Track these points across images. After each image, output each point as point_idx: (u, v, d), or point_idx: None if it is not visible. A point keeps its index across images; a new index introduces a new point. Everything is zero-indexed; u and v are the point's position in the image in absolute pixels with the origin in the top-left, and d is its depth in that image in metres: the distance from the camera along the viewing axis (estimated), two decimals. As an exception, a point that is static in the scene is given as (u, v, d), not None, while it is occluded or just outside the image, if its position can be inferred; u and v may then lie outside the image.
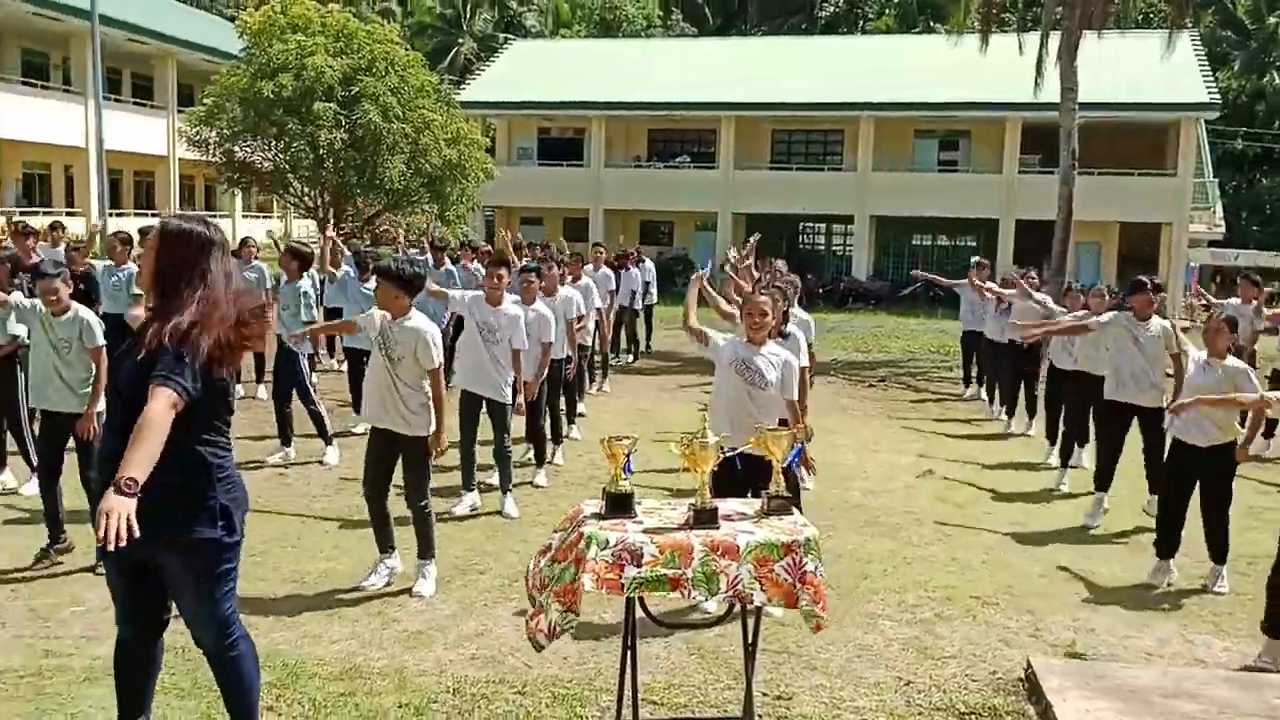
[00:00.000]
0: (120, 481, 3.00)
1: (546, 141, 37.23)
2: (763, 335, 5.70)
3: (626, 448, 3.96)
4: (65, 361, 6.18)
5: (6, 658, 4.83)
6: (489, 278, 7.74)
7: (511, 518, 7.61)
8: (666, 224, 36.17)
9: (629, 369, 15.87)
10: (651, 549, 3.69)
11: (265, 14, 25.06)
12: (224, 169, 26.00)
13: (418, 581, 6.03)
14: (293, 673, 4.80)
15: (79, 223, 30.77)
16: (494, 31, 51.95)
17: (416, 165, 24.45)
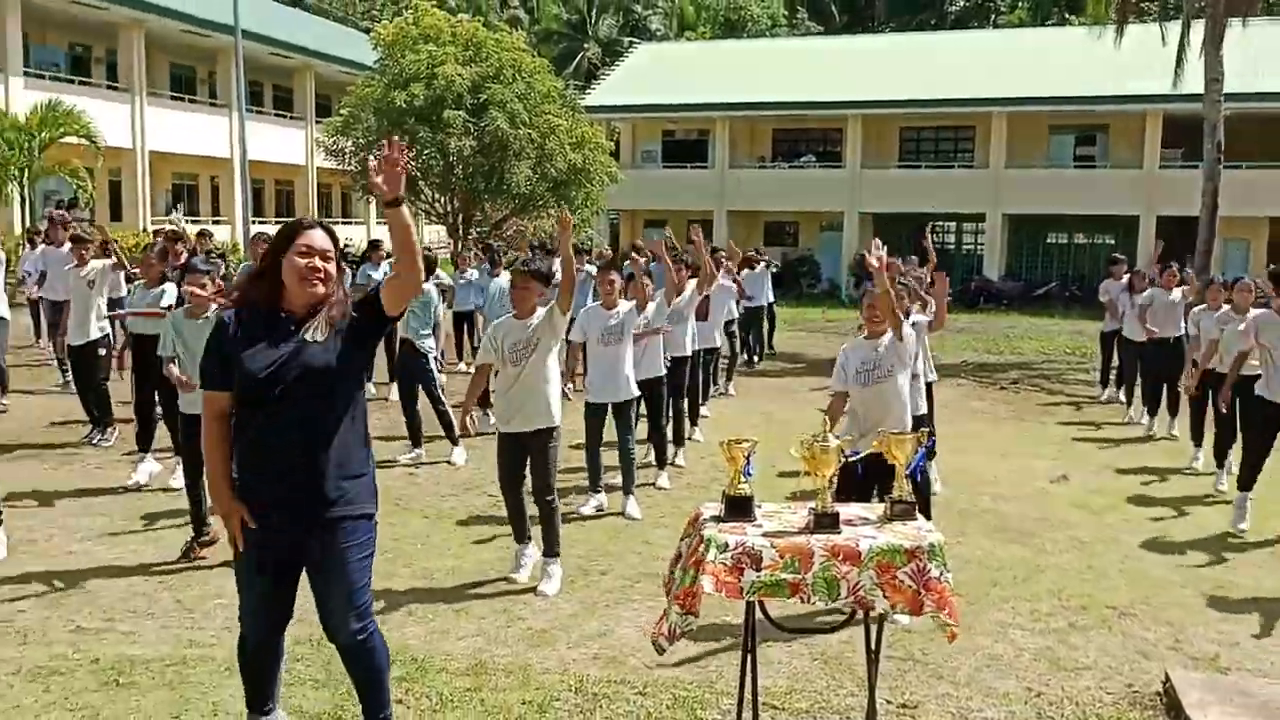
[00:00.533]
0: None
1: (670, 144, 37.34)
2: (881, 329, 5.67)
3: (746, 450, 3.94)
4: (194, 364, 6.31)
5: (154, 647, 5.07)
6: (602, 283, 7.80)
7: (634, 519, 7.66)
8: (791, 224, 35.90)
9: (752, 371, 15.79)
10: (771, 553, 3.66)
11: (398, 26, 25.78)
12: (359, 177, 26.80)
13: (543, 580, 6.12)
14: (421, 667, 4.91)
15: (224, 230, 32.16)
16: (619, 36, 52.33)
17: (542, 170, 24.81)
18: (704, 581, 3.62)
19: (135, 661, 4.85)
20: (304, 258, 3.47)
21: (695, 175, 34.94)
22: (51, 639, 5.14)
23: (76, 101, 24.81)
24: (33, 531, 6.95)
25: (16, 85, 26.56)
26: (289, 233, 3.54)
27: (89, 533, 6.98)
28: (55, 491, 7.96)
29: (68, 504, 7.67)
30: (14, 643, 5.07)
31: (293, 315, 3.52)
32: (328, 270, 3.49)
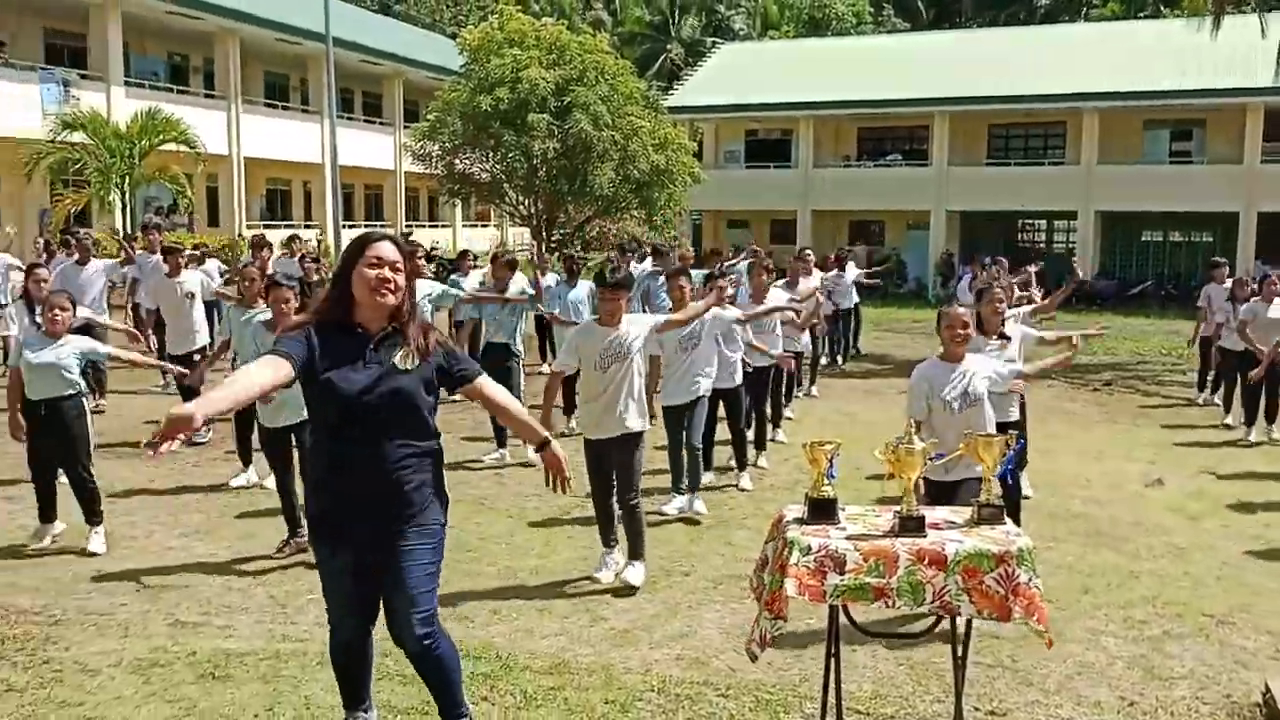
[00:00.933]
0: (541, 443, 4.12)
1: (753, 143, 37.19)
2: (962, 350, 5.42)
3: (829, 452, 3.91)
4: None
5: (249, 642, 5.20)
6: (672, 289, 7.75)
7: (701, 514, 7.68)
8: (877, 223, 35.49)
9: (837, 372, 15.65)
10: (855, 556, 3.63)
11: (484, 31, 26.09)
12: (445, 181, 27.21)
13: (627, 569, 6.18)
14: (505, 665, 4.97)
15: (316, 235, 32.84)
16: (701, 36, 52.27)
17: (625, 171, 24.88)
18: (787, 585, 3.60)
19: (231, 655, 4.99)
20: (374, 269, 3.49)
21: (778, 175, 34.74)
22: (151, 632, 5.30)
23: (175, 110, 25.55)
24: (134, 528, 7.19)
25: (118, 94, 27.46)
26: (359, 245, 3.56)
27: (187, 529, 7.20)
28: (155, 489, 8.22)
29: (167, 501, 7.91)
30: (116, 635, 5.25)
31: (366, 331, 3.55)
32: (397, 281, 3.51)
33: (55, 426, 6.60)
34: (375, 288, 3.48)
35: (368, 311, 3.54)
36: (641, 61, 45.13)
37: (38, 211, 26.38)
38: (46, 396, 6.58)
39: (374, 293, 3.49)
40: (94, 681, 4.69)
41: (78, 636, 5.21)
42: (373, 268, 3.49)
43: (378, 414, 3.51)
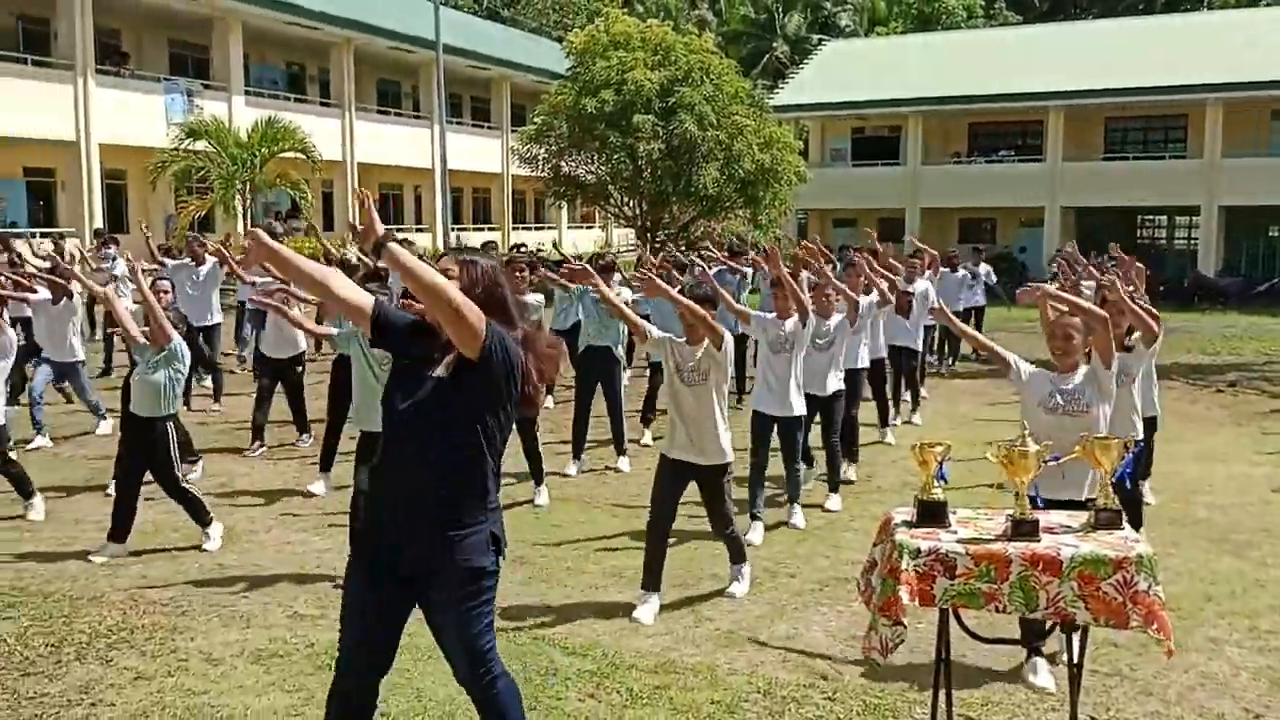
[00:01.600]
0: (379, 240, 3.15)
1: (860, 141, 36.77)
2: (1071, 361, 5.08)
3: (939, 454, 3.85)
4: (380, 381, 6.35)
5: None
6: (775, 296, 7.59)
7: (797, 527, 7.45)
8: (988, 221, 34.77)
9: (947, 374, 15.38)
10: (966, 561, 3.57)
11: (589, 34, 26.33)
12: (551, 183, 27.53)
13: (732, 583, 6.10)
14: (612, 663, 5.01)
15: (426, 238, 33.54)
16: (807, 33, 51.83)
17: (730, 171, 24.84)
18: (901, 591, 3.55)
19: (346, 647, 5.12)
20: None
21: (886, 173, 34.30)
22: (271, 623, 5.48)
23: (292, 117, 26.34)
24: (254, 523, 7.44)
25: (239, 103, 28.42)
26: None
27: (304, 525, 7.42)
28: (276, 487, 8.48)
29: (286, 498, 8.16)
30: (238, 626, 5.44)
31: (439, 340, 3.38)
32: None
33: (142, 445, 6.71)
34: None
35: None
36: (746, 60, 44.95)
37: (164, 217, 27.47)
38: (134, 413, 6.71)
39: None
40: (217, 670, 4.87)
41: (202, 627, 5.41)
42: None
43: (409, 426, 3.35)
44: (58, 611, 5.58)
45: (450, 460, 3.32)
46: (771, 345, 7.31)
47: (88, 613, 5.57)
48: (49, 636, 5.24)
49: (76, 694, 4.62)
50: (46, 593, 5.89)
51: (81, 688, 4.68)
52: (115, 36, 28.52)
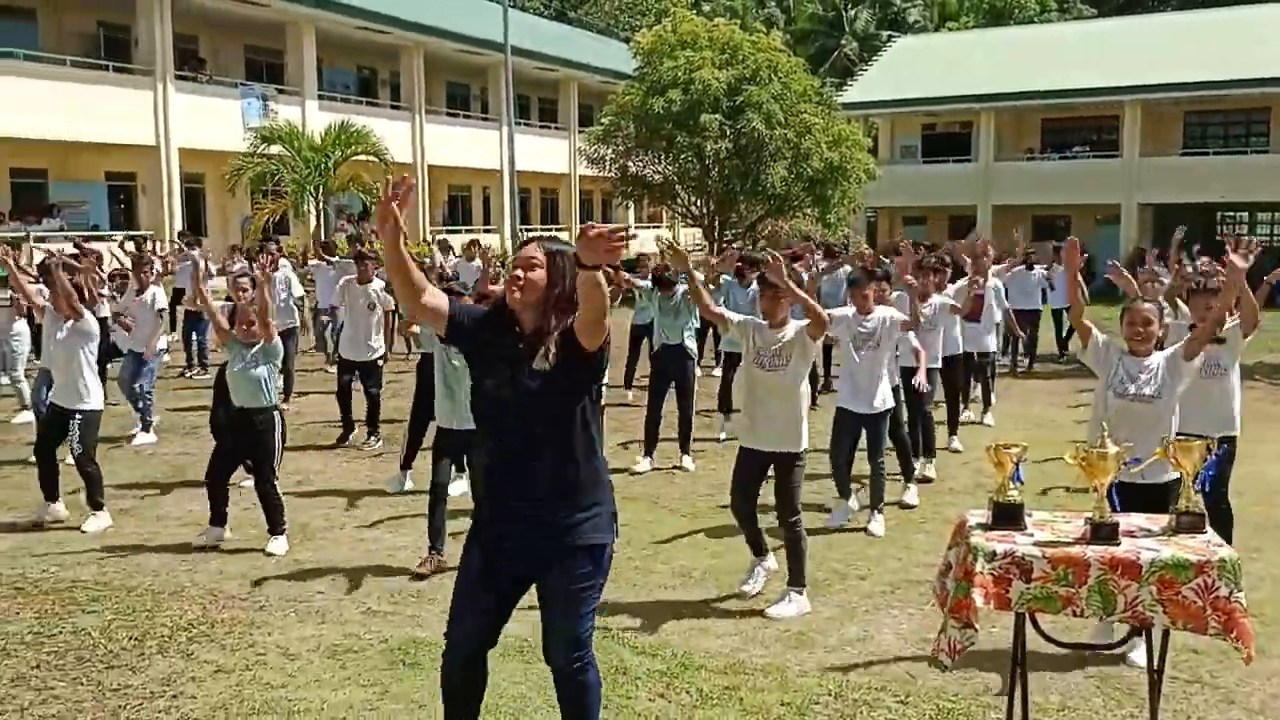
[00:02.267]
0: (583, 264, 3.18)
1: (931, 138, 36.32)
2: (1147, 347, 5.05)
3: (1015, 455, 3.79)
4: (459, 380, 6.49)
5: (435, 631, 5.33)
6: (855, 296, 7.53)
7: (875, 536, 7.32)
8: (1063, 219, 34.11)
9: (1022, 373, 15.11)
10: (1043, 564, 3.51)
11: (656, 34, 26.35)
12: (618, 183, 27.60)
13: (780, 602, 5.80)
14: (681, 663, 5.01)
15: (494, 238, 33.81)
16: (876, 30, 51.35)
17: (798, 170, 24.70)
18: (975, 595, 3.50)
19: (419, 643, 5.19)
20: (514, 267, 3.49)
21: (957, 170, 33.82)
22: (346, 619, 5.57)
23: (363, 121, 26.76)
24: (329, 520, 7.56)
25: (312, 107, 28.93)
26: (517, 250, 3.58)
27: (377, 523, 7.52)
28: (349, 485, 8.61)
29: (360, 496, 8.28)
30: (314, 621, 5.53)
31: (523, 330, 3.46)
32: (528, 279, 3.41)
33: (246, 435, 6.91)
34: (509, 285, 3.45)
35: (518, 311, 3.47)
36: (815, 58, 44.66)
37: (239, 220, 28.06)
38: (241, 405, 6.89)
39: (509, 290, 3.45)
40: (294, 665, 4.96)
41: (279, 622, 5.52)
42: (515, 267, 3.46)
43: (511, 419, 3.45)
44: (140, 606, 5.73)
45: (566, 446, 3.44)
46: (854, 341, 7.34)
47: (169, 607, 5.71)
48: (132, 630, 5.38)
49: (158, 686, 4.74)
50: (129, 587, 6.05)
51: (163, 680, 4.80)
52: (193, 43, 29.19)
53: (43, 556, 6.67)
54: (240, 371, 6.88)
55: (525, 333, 3.45)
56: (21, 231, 22.12)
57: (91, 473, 7.39)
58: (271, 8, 27.77)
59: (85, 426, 7.40)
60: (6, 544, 6.93)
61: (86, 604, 5.77)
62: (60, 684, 4.76)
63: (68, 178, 26.27)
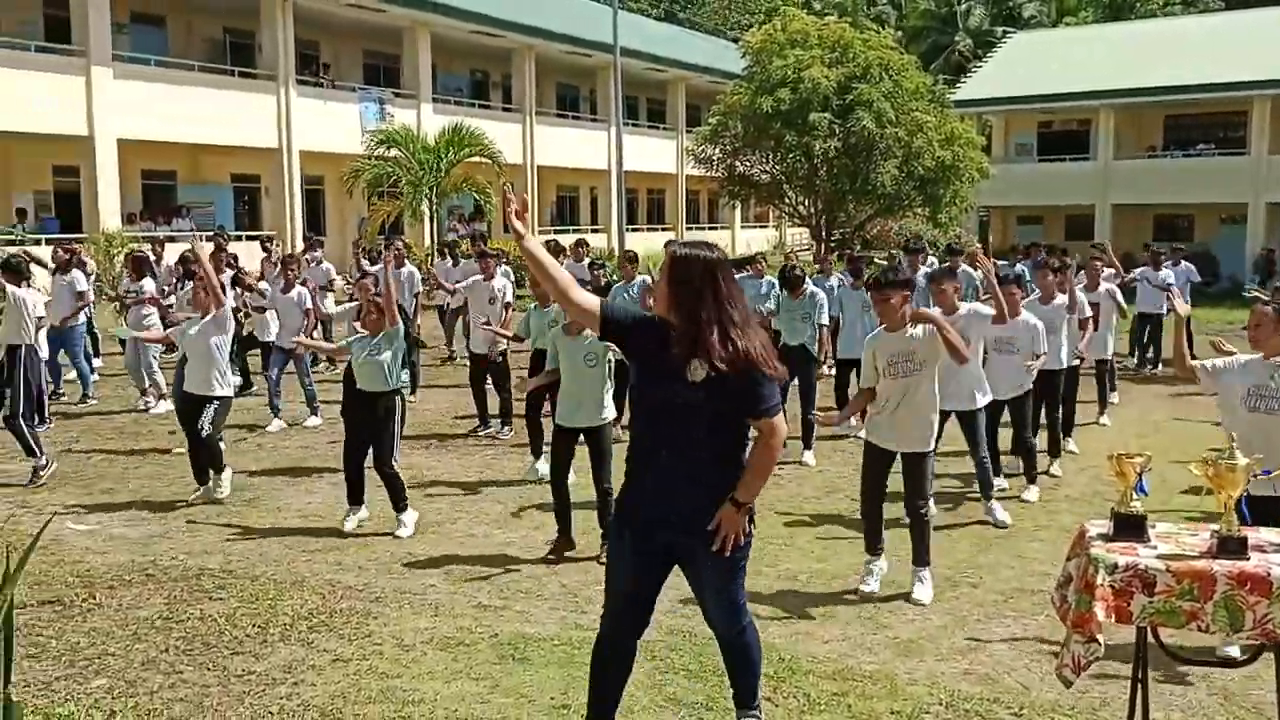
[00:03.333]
0: (740, 503, 3.58)
1: (1047, 136, 35.41)
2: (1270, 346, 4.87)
3: (1139, 465, 3.69)
4: (583, 379, 6.59)
5: (545, 627, 5.48)
6: (1006, 295, 7.44)
7: (1003, 524, 7.34)
8: (1185, 218, 32.95)
9: (1141, 377, 14.65)
10: (1167, 577, 3.41)
11: (766, 33, 26.22)
12: (726, 183, 27.54)
13: (915, 587, 5.99)
14: (789, 667, 4.99)
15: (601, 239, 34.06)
16: (990, 26, 50.27)
17: (909, 169, 24.34)
18: (1097, 608, 3.42)
19: (529, 639, 5.28)
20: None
21: (1074, 168, 32.90)
22: (458, 613, 5.69)
23: (476, 123, 27.23)
24: (441, 514, 7.72)
25: (427, 110, 29.55)
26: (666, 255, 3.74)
27: (487, 518, 7.66)
28: (459, 480, 8.79)
29: (470, 491, 8.45)
30: (427, 614, 5.66)
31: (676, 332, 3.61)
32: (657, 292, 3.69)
33: (369, 417, 7.15)
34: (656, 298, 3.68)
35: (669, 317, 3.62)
36: (927, 55, 43.91)
37: (356, 220, 28.80)
38: (364, 389, 7.17)
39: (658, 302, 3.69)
40: (408, 656, 5.09)
41: (394, 614, 5.66)
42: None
43: (669, 424, 3.61)
44: (263, 594, 5.94)
45: (719, 445, 3.62)
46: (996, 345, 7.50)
47: (290, 596, 5.90)
48: (255, 618, 5.57)
49: (280, 673, 4.90)
50: (253, 576, 6.28)
51: (285, 667, 4.97)
52: (314, 48, 30.06)
53: (172, 545, 6.96)
54: (366, 360, 7.13)
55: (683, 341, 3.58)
56: (154, 232, 23.07)
57: (213, 449, 7.99)
58: (389, 13, 28.42)
59: (218, 413, 7.98)
60: (138, 532, 7.25)
61: (213, 591, 6.00)
62: (188, 668, 4.96)
63: (195, 180, 27.32)
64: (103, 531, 7.28)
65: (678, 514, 3.65)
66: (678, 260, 3.59)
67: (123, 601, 5.83)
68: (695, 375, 3.52)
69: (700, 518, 3.62)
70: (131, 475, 8.91)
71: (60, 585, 6.08)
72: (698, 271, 3.53)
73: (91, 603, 5.82)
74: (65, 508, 7.83)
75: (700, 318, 3.51)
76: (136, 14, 25.94)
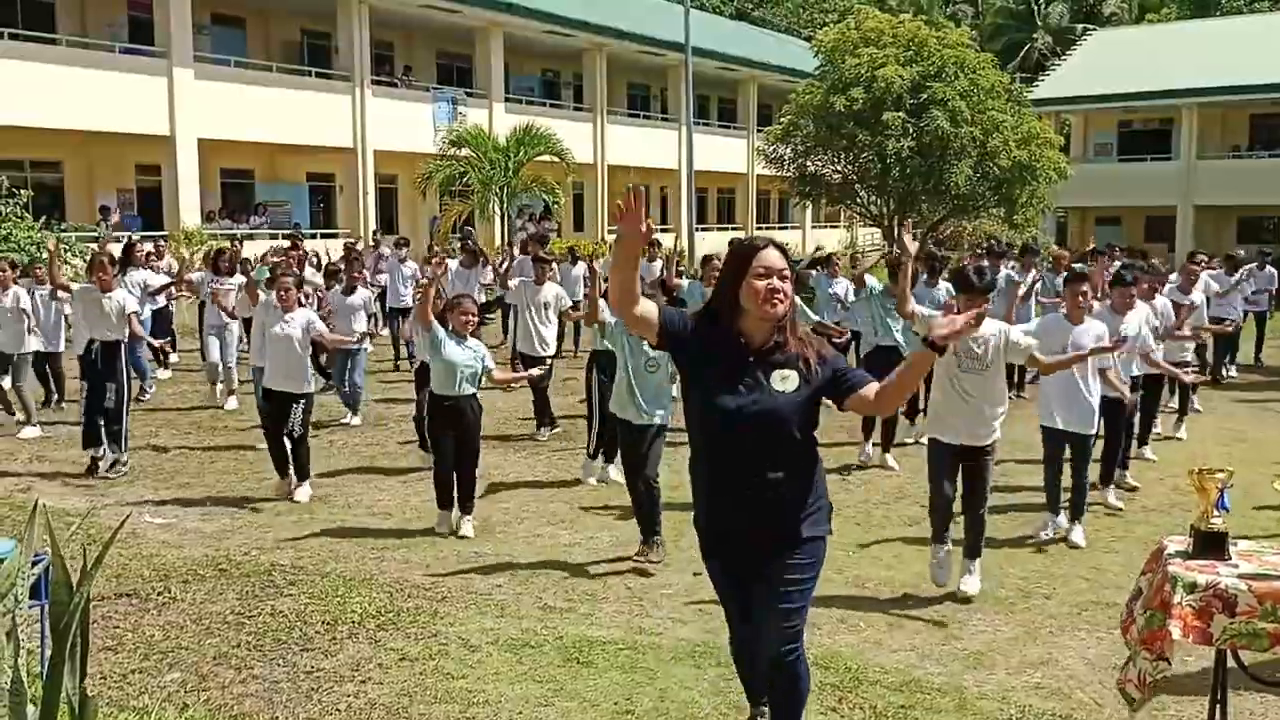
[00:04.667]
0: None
1: (1127, 135, 34.69)
2: None
3: (1220, 481, 3.58)
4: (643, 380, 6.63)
5: (609, 630, 5.48)
6: (1070, 295, 7.28)
7: (1078, 546, 7.11)
8: (1270, 219, 32.03)
9: (1222, 384, 14.24)
10: (1249, 598, 3.30)
11: (839, 31, 26.00)
12: (796, 183, 27.35)
13: (965, 579, 5.99)
14: (855, 677, 4.92)
15: (670, 238, 34.01)
16: (1070, 23, 49.32)
17: (984, 169, 23.96)
18: (1171, 627, 3.32)
19: (593, 642, 5.27)
20: (762, 279, 3.40)
21: (1155, 168, 32.18)
22: (523, 614, 5.71)
23: (547, 123, 27.37)
24: (508, 514, 7.76)
25: (499, 110, 29.78)
26: (745, 254, 3.49)
27: (553, 518, 7.68)
28: (525, 480, 8.83)
29: (537, 490, 8.48)
30: (493, 615, 5.69)
31: (749, 343, 3.49)
32: (785, 290, 3.43)
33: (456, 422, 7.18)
34: (766, 298, 3.39)
35: (754, 322, 3.46)
36: (1005, 53, 43.24)
37: (429, 219, 29.11)
38: (450, 394, 7.16)
39: (765, 303, 3.41)
40: (474, 657, 5.12)
41: (460, 614, 5.70)
42: (761, 278, 3.41)
43: (748, 437, 3.48)
44: (332, 591, 6.01)
45: (797, 455, 3.53)
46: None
47: (359, 594, 5.96)
48: (325, 615, 5.65)
49: (348, 671, 4.96)
50: (323, 573, 6.36)
51: (353, 665, 5.02)
52: (388, 49, 30.45)
53: (245, 540, 7.08)
54: (446, 362, 7.13)
55: (755, 343, 3.48)
56: (233, 230, 23.56)
57: (306, 450, 8.17)
58: (463, 13, 28.67)
59: (306, 410, 8.13)
60: (213, 526, 7.40)
61: (284, 587, 6.09)
62: (259, 664, 5.04)
63: (272, 178, 27.83)
64: (179, 525, 7.43)
65: (753, 536, 3.58)
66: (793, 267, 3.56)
67: (197, 596, 5.95)
68: (785, 385, 3.45)
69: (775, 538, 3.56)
70: (207, 470, 9.10)
71: (137, 579, 6.22)
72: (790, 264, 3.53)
73: (167, 596, 5.94)
74: (143, 501, 8.02)
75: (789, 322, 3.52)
76: (217, 15, 26.49)
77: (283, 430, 8.03)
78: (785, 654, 3.63)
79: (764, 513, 3.53)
